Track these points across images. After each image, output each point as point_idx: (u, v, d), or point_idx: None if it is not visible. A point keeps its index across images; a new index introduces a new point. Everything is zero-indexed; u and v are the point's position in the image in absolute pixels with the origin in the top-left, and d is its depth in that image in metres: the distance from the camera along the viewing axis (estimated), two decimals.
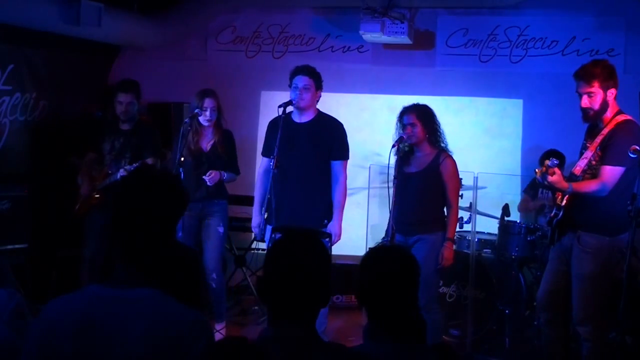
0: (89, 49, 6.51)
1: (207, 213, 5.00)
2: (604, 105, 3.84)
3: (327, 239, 4.43)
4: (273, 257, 2.01)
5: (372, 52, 6.83)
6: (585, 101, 3.85)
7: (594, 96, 3.82)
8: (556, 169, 3.72)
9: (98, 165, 5.38)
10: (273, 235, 4.37)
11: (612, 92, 3.84)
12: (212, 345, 1.80)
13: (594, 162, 3.84)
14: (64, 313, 1.85)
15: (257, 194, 4.79)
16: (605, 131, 3.82)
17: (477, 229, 5.32)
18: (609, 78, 3.84)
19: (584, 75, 3.84)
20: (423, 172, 4.57)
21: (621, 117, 3.85)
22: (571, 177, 3.88)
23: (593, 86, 3.81)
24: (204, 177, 4.87)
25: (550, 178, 3.71)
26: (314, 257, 1.98)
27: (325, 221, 4.55)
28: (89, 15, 5.52)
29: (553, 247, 4.10)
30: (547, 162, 3.71)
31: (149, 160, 5.22)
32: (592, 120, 3.92)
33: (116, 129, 5.33)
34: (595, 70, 3.83)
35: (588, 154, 3.85)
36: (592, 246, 3.85)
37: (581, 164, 3.86)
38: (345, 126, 4.75)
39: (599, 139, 3.83)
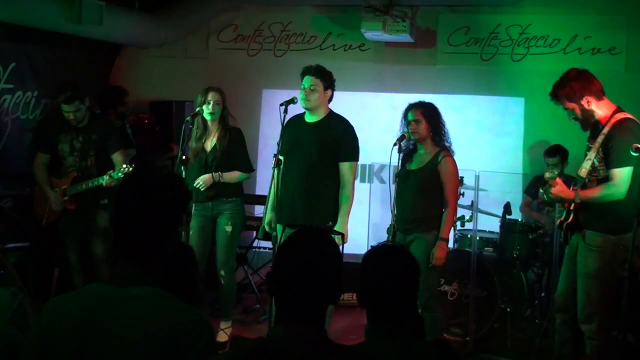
0: (91, 48, 6.52)
1: (218, 212, 4.98)
2: (587, 113, 3.88)
3: (339, 237, 4.38)
4: (284, 253, 1.99)
5: (373, 50, 6.83)
6: (570, 116, 3.96)
7: (573, 110, 3.90)
8: (557, 179, 3.77)
9: (54, 168, 5.24)
10: (274, 234, 4.35)
11: (587, 100, 3.85)
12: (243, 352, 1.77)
13: (597, 163, 3.84)
14: (66, 311, 1.85)
15: (269, 193, 4.80)
16: (605, 130, 3.83)
17: (479, 228, 5.32)
18: (576, 91, 3.85)
19: (554, 99, 3.95)
20: (422, 169, 4.57)
21: (619, 116, 3.84)
22: (578, 180, 3.91)
23: (565, 104, 3.91)
24: (194, 184, 4.84)
25: (553, 190, 3.75)
26: (324, 255, 1.97)
27: (330, 223, 4.50)
28: (91, 14, 5.52)
29: (567, 247, 4.13)
30: (547, 175, 3.77)
31: (118, 155, 5.15)
32: (587, 127, 3.98)
33: (70, 128, 5.14)
34: (559, 92, 3.90)
35: (591, 155, 3.86)
36: (598, 244, 3.85)
37: (586, 166, 3.87)
38: None
39: (600, 138, 3.83)
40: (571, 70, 3.95)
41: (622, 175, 3.74)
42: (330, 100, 4.58)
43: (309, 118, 4.57)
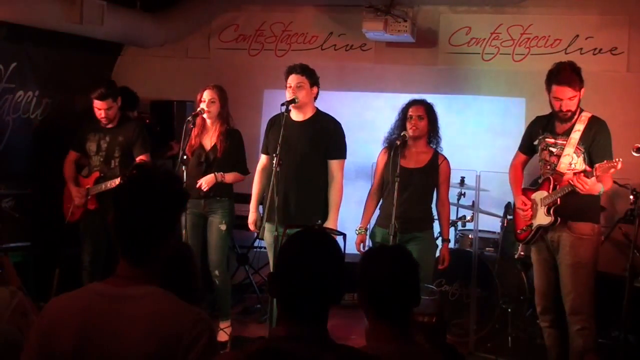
0: (92, 47, 6.51)
1: (210, 211, 4.99)
2: (578, 105, 4.05)
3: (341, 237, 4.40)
4: (287, 254, 1.98)
5: (374, 50, 6.83)
6: (568, 105, 3.99)
7: (575, 99, 3.99)
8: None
9: (82, 166, 5.31)
10: (275, 233, 4.35)
11: (582, 92, 4.03)
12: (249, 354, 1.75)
13: (578, 157, 4.00)
14: (66, 311, 1.85)
15: (254, 191, 4.80)
16: (580, 127, 4.00)
17: (480, 228, 5.32)
18: (581, 79, 4.01)
19: (571, 82, 3.96)
20: (424, 169, 4.59)
21: (588, 114, 4.06)
22: (558, 175, 4.04)
23: (577, 90, 3.98)
24: (197, 186, 4.85)
25: (589, 181, 3.83)
26: (327, 255, 1.95)
27: (319, 221, 4.53)
28: (92, 14, 5.52)
29: (533, 247, 4.25)
30: (587, 168, 3.92)
31: (141, 158, 5.17)
32: (566, 120, 4.08)
33: (100, 128, 5.21)
34: (576, 76, 3.98)
35: (569, 150, 4.00)
36: (588, 232, 4.03)
37: (565, 161, 3.96)
38: (347, 125, 4.74)
39: (575, 135, 3.99)
40: (567, 61, 4.08)
41: None
42: (315, 97, 4.61)
43: (297, 116, 4.59)
